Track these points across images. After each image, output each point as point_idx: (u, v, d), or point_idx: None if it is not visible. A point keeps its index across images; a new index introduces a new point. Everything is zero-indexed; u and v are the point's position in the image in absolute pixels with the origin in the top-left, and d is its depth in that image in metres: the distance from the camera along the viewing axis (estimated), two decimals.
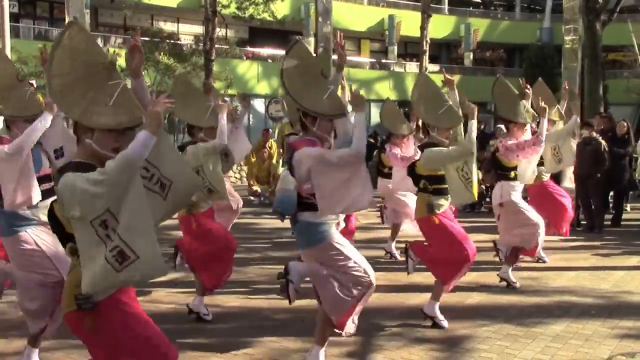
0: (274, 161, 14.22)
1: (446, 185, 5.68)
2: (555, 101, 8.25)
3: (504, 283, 7.01)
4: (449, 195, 5.72)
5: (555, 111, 8.05)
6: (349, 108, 4.44)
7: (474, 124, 5.59)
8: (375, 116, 23.30)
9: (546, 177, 8.18)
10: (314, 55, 4.45)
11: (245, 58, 22.34)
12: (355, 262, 4.39)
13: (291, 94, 4.36)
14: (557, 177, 8.73)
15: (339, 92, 4.80)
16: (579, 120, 8.96)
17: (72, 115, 3.07)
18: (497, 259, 7.19)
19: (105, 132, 3.06)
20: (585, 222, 10.95)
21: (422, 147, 5.82)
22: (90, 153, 3.08)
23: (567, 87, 8.82)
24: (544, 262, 8.16)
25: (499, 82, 7.09)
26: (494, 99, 7.18)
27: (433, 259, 5.77)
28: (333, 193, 4.18)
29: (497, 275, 7.06)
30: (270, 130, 14.68)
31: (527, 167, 7.04)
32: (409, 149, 7.97)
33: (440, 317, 5.64)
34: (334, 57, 4.80)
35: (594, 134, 10.50)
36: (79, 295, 2.95)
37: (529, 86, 7.06)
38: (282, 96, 21.45)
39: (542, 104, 6.70)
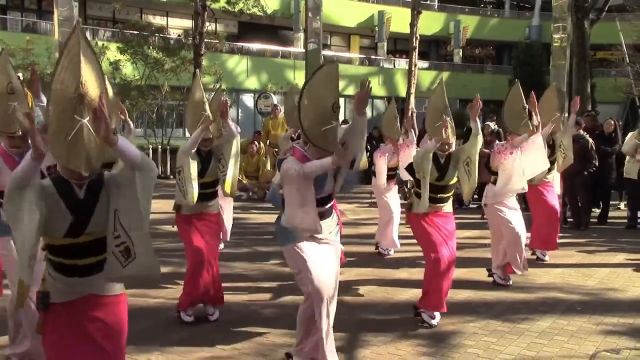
0: (263, 157, 14.20)
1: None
2: (562, 110, 8.23)
3: (491, 279, 7.04)
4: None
5: (556, 119, 7.99)
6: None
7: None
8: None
9: (549, 178, 8.07)
10: (337, 83, 4.30)
11: (214, 50, 22.15)
12: (310, 275, 4.30)
13: (300, 105, 4.22)
14: None
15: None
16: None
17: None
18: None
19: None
20: (571, 220, 11.02)
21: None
22: None
23: (578, 102, 8.46)
24: (543, 260, 8.19)
25: (516, 88, 7.03)
26: (504, 104, 7.07)
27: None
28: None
29: (487, 269, 7.11)
30: (261, 132, 14.69)
31: (514, 172, 6.76)
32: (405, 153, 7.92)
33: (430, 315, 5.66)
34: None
35: (582, 132, 10.56)
36: (39, 293, 3.00)
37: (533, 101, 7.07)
38: (271, 91, 21.46)
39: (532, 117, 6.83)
